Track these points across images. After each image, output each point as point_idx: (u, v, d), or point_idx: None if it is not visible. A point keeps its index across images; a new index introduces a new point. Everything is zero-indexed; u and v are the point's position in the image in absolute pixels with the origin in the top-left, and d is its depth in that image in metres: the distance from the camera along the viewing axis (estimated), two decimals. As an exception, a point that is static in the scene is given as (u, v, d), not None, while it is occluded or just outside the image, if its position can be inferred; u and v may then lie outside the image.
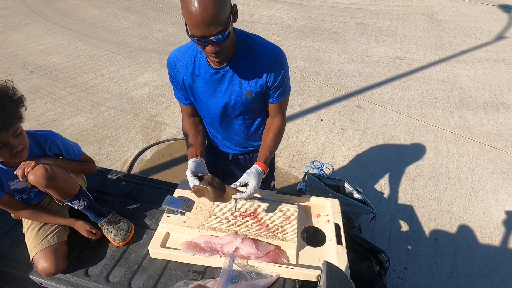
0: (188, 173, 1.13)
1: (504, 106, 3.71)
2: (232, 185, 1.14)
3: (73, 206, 1.17)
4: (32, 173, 1.01)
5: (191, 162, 1.17)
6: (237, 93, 1.14)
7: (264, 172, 1.18)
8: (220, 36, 0.91)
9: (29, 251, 1.13)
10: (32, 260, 1.12)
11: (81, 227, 1.20)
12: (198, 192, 1.12)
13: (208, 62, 1.10)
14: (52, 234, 1.16)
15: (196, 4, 0.84)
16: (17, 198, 1.16)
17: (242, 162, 1.49)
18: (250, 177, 1.12)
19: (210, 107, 1.22)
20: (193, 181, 1.11)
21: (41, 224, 1.18)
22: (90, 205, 1.20)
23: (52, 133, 1.16)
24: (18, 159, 1.02)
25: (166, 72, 4.72)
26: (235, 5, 0.96)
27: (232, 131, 1.32)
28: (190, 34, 0.92)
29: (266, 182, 1.55)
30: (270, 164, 1.48)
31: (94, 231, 1.20)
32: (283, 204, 1.29)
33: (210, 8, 0.85)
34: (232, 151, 1.44)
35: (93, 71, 4.15)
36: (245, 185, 1.13)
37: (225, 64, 1.09)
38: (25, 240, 1.17)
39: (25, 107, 1.00)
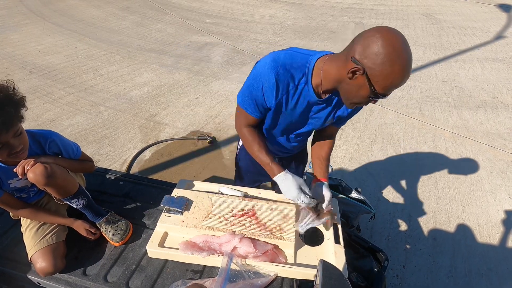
0: (297, 189, 1.07)
1: (502, 106, 3.72)
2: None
3: (71, 205, 1.17)
4: (31, 171, 1.01)
5: (291, 177, 1.08)
6: (321, 121, 1.13)
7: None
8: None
9: (27, 251, 1.13)
10: (30, 260, 1.12)
11: (80, 227, 1.20)
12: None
13: (314, 92, 0.99)
14: (50, 233, 1.16)
15: (407, 70, 0.82)
16: (16, 197, 1.16)
17: (283, 164, 1.46)
18: (323, 190, 1.16)
19: (290, 129, 1.20)
20: (306, 200, 1.07)
21: (40, 223, 1.18)
22: (89, 204, 1.20)
23: (52, 132, 1.16)
24: (17, 158, 1.02)
25: (165, 71, 4.68)
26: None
27: (291, 142, 1.31)
28: (377, 93, 0.86)
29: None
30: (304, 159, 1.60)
31: (93, 231, 1.21)
32: (281, 203, 1.30)
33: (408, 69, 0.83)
34: (276, 155, 1.42)
35: (92, 71, 4.15)
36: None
37: (327, 96, 1.02)
38: (24, 239, 1.17)
39: (26, 108, 1.00)
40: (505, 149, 3.04)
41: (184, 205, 1.24)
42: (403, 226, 2.28)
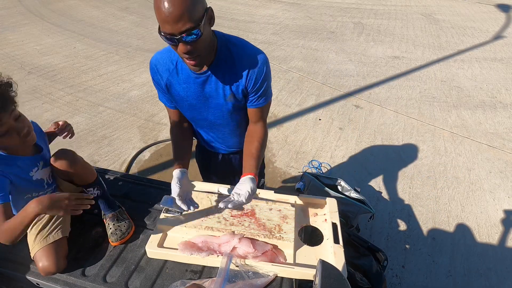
0: (174, 183, 1.11)
1: (501, 105, 3.73)
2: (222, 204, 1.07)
3: (87, 193, 1.20)
4: (55, 156, 1.10)
5: (177, 171, 1.15)
6: (220, 97, 1.13)
7: (256, 182, 1.12)
8: (194, 36, 0.88)
9: (30, 249, 1.13)
10: (33, 258, 1.11)
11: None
12: None
13: (188, 66, 1.05)
14: (55, 230, 1.16)
15: (164, 2, 0.84)
16: (33, 195, 1.15)
17: (232, 161, 1.49)
18: (242, 187, 1.08)
19: (195, 111, 1.21)
20: (176, 189, 1.10)
21: (44, 221, 1.18)
22: (104, 195, 1.23)
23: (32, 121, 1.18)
24: (27, 142, 1.04)
25: (164, 72, 4.65)
26: (210, 8, 0.94)
27: (219, 133, 1.32)
28: (161, 32, 0.91)
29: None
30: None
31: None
32: (280, 203, 1.30)
33: (178, 4, 0.83)
34: (221, 151, 1.44)
35: (91, 71, 4.14)
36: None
37: (206, 69, 1.07)
38: (27, 238, 1.16)
39: (15, 93, 1.02)
40: (504, 149, 3.04)
41: (183, 205, 1.24)
42: (402, 226, 2.28)
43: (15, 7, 6.27)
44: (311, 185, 2.09)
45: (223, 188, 1.35)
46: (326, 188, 2.01)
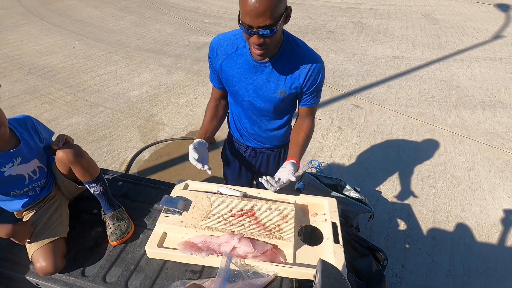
0: (191, 147, 1.19)
1: (501, 105, 3.73)
2: (266, 178, 1.19)
3: (90, 189, 1.21)
4: (61, 150, 1.12)
5: (196, 141, 1.25)
6: (271, 90, 1.17)
7: (298, 167, 1.22)
8: (268, 31, 0.94)
9: (27, 250, 1.13)
10: (30, 259, 1.11)
11: (22, 230, 1.12)
12: None
13: (251, 54, 1.11)
14: (50, 231, 1.16)
15: None
16: (20, 195, 1.15)
17: (257, 159, 1.51)
18: (283, 170, 1.19)
19: (242, 97, 1.24)
20: (193, 155, 1.17)
21: (42, 223, 1.17)
22: (106, 192, 1.25)
23: (28, 116, 1.20)
24: None
25: (164, 72, 4.70)
26: (290, 7, 1.00)
27: (257, 124, 1.35)
28: (240, 21, 0.95)
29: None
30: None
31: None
32: (280, 203, 1.29)
33: (266, 1, 0.88)
34: (251, 144, 1.45)
35: (90, 72, 4.14)
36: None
37: (267, 60, 1.12)
38: None
39: None
40: (504, 148, 3.05)
41: (183, 205, 1.24)
42: (402, 225, 2.28)
43: (14, 7, 6.26)
44: (311, 185, 2.09)
45: (223, 188, 1.35)
46: (326, 188, 2.01)
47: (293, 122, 1.38)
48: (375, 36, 5.52)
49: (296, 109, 1.35)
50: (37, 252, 1.09)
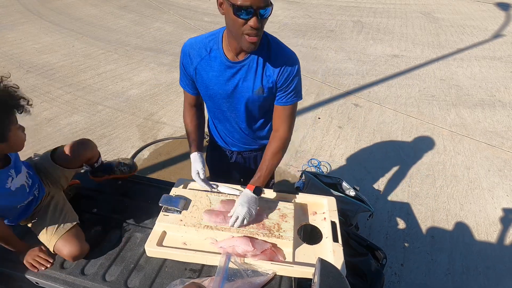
0: (196, 164, 1.26)
1: (500, 104, 3.73)
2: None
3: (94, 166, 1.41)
4: (79, 144, 1.28)
5: (196, 155, 1.29)
6: (249, 88, 1.15)
7: (260, 194, 1.21)
8: (268, 13, 0.95)
9: (47, 244, 1.14)
10: (53, 251, 1.13)
11: (31, 254, 1.12)
12: None
13: (225, 55, 1.11)
14: (62, 220, 1.18)
15: None
16: (25, 204, 1.14)
17: (245, 162, 1.49)
18: (237, 205, 1.17)
19: (219, 100, 1.22)
20: (201, 171, 1.25)
21: (50, 216, 1.18)
22: (104, 164, 1.44)
23: None
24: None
25: (163, 70, 4.66)
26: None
27: (238, 126, 1.32)
28: (237, 5, 0.92)
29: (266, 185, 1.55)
30: None
31: (44, 263, 1.12)
32: (279, 202, 1.30)
33: None
34: (235, 148, 1.43)
35: (89, 70, 4.13)
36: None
37: (242, 59, 1.11)
38: (38, 236, 1.16)
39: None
40: (503, 147, 3.05)
41: (182, 204, 1.24)
42: (401, 224, 2.29)
43: (13, 6, 6.23)
44: (311, 183, 2.09)
45: (222, 187, 1.35)
46: (325, 187, 2.01)
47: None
48: (375, 35, 5.51)
49: None
50: (60, 241, 1.12)
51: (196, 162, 1.27)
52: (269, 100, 1.20)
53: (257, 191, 1.19)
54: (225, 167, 1.54)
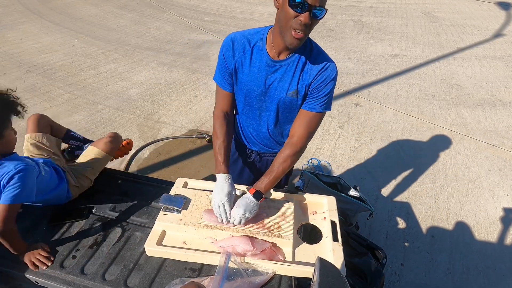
0: (223, 193, 1.15)
1: (500, 103, 3.73)
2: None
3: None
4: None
5: (225, 177, 1.18)
6: (283, 89, 1.14)
7: (259, 199, 1.17)
8: (321, 14, 0.98)
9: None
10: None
11: (32, 253, 1.13)
12: None
13: (267, 53, 1.11)
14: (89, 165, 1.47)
15: None
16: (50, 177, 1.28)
17: (262, 163, 1.47)
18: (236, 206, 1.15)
19: (252, 96, 1.20)
20: (227, 204, 1.14)
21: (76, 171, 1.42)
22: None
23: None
24: None
25: (163, 70, 4.66)
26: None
27: (264, 127, 1.30)
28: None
29: (279, 185, 1.50)
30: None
31: (44, 261, 1.12)
32: (279, 201, 1.30)
33: None
34: (255, 147, 1.42)
35: (89, 70, 4.13)
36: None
37: (284, 58, 1.11)
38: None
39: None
40: (503, 147, 3.05)
41: (182, 203, 1.24)
42: (401, 224, 2.29)
43: (13, 5, 6.23)
44: (310, 183, 2.09)
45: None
46: (325, 186, 2.01)
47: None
48: (375, 34, 5.50)
49: None
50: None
51: (222, 189, 1.14)
52: (301, 105, 1.19)
53: (257, 195, 1.16)
54: (240, 163, 1.52)
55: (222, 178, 1.17)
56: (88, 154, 1.51)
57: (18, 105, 1.17)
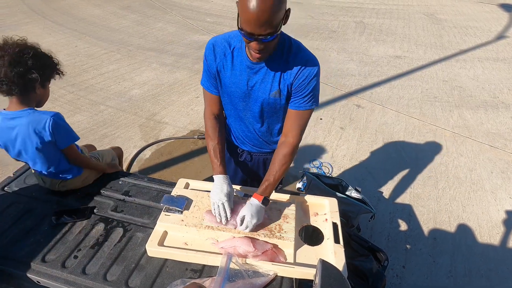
0: (222, 193, 1.16)
1: (503, 105, 3.71)
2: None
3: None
4: None
5: (223, 178, 1.20)
6: (266, 90, 1.15)
7: (267, 205, 1.18)
8: (269, 39, 0.94)
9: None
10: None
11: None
12: None
13: (247, 56, 1.11)
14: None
15: (254, 3, 0.86)
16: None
17: (253, 163, 1.47)
18: (243, 212, 1.15)
19: (236, 98, 1.21)
20: (226, 204, 1.15)
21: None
22: None
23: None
24: None
25: (166, 70, 4.67)
26: (289, 9, 0.98)
27: (251, 127, 1.31)
28: (240, 27, 0.95)
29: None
30: None
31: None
32: (281, 203, 1.29)
33: (266, 11, 0.87)
34: (246, 147, 1.42)
35: (92, 70, 4.15)
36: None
37: (262, 61, 1.11)
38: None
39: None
40: (506, 149, 3.03)
41: (184, 204, 1.24)
42: (403, 226, 2.28)
43: (17, 6, 6.27)
44: (312, 184, 2.09)
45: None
46: (327, 188, 2.00)
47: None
48: (377, 36, 5.50)
49: None
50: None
51: (222, 189, 1.16)
52: (285, 105, 1.19)
53: (265, 201, 1.17)
54: (232, 164, 1.53)
55: (221, 179, 1.18)
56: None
57: (59, 68, 1.42)
